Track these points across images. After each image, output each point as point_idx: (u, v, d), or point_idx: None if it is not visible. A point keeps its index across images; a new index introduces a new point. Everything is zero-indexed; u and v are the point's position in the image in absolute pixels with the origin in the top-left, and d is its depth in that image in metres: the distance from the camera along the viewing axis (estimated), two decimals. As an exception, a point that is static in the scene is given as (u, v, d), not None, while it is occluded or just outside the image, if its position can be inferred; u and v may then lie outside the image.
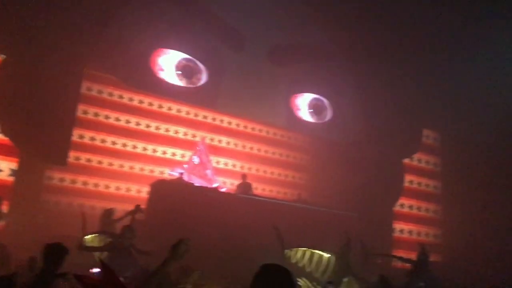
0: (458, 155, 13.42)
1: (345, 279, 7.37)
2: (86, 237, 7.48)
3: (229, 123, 15.07)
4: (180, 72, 12.31)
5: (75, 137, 11.99)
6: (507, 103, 11.80)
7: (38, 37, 9.60)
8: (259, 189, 13.50)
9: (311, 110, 14.19)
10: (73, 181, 12.14)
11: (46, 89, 9.76)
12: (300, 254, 7.96)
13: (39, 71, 9.66)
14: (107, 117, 12.96)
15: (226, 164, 14.72)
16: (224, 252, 8.53)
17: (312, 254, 7.99)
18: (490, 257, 11.41)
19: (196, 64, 12.59)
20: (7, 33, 9.57)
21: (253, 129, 15.47)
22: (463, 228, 12.34)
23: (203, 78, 12.64)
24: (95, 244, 7.09)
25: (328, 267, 7.87)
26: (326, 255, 7.99)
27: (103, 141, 12.82)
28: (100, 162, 12.65)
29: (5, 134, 9.77)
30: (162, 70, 12.17)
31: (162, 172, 13.19)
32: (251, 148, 15.34)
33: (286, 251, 7.91)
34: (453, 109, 12.72)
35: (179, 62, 12.42)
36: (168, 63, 12.26)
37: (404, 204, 13.88)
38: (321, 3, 11.92)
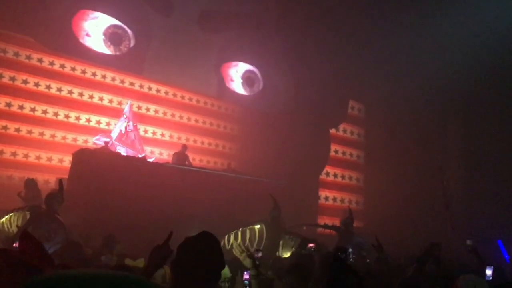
0: (381, 126, 14.03)
1: (281, 241, 7.58)
2: (1, 220, 7.06)
3: (158, 90, 14.65)
4: (107, 39, 11.73)
5: (-12, 103, 11.21)
6: (430, 77, 12.39)
7: None
8: (189, 158, 13.37)
9: (244, 82, 14.16)
10: (-13, 150, 11.38)
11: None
12: (232, 238, 8.01)
13: None
14: (25, 81, 12.13)
15: (154, 133, 14.39)
16: (151, 222, 8.42)
17: (244, 231, 8.06)
18: (408, 223, 12.18)
19: (125, 31, 12.03)
20: None
21: (182, 97, 15.16)
22: (384, 195, 13.04)
23: (132, 45, 12.14)
24: (15, 223, 6.73)
25: (262, 236, 8.00)
26: (256, 227, 8.10)
27: (21, 107, 12.01)
28: (18, 130, 11.88)
29: None
30: (88, 36, 11.52)
31: (86, 141, 12.64)
32: (181, 117, 15.06)
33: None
34: (378, 81, 13.20)
35: (107, 28, 11.82)
36: (96, 29, 11.62)
37: (329, 173, 14.39)
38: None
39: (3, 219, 7.05)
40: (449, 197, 11.71)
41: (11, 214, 7.05)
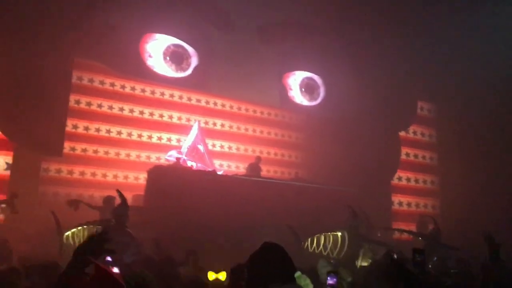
0: (453, 125, 13.44)
1: (361, 250, 7.50)
2: (67, 233, 7.10)
3: (223, 105, 15.00)
4: (168, 58, 12.19)
5: (69, 128, 11.94)
6: (503, 72, 11.73)
7: (25, 28, 9.46)
8: (260, 170, 13.51)
9: (303, 90, 14.13)
10: (70, 172, 12.12)
11: (37, 80, 9.65)
12: (315, 242, 8.01)
13: (28, 62, 9.54)
14: (100, 105, 12.87)
15: (222, 146, 14.71)
16: (225, 233, 8.58)
17: (326, 237, 8.03)
18: (488, 225, 11.50)
19: (185, 49, 12.44)
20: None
21: (247, 110, 15.41)
22: (461, 198, 12.42)
23: (193, 63, 12.52)
24: (84, 237, 6.99)
25: (344, 244, 7.94)
26: (339, 233, 8.04)
27: (97, 130, 12.76)
28: (96, 151, 12.61)
29: (-1, 128, 9.71)
30: (150, 56, 12.04)
31: (158, 158, 13.17)
32: (246, 130, 15.30)
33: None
34: (447, 79, 12.67)
35: (167, 48, 12.29)
36: (157, 49, 12.12)
37: (401, 177, 13.94)
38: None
39: (68, 232, 7.11)
40: None
41: (79, 227, 7.15)
